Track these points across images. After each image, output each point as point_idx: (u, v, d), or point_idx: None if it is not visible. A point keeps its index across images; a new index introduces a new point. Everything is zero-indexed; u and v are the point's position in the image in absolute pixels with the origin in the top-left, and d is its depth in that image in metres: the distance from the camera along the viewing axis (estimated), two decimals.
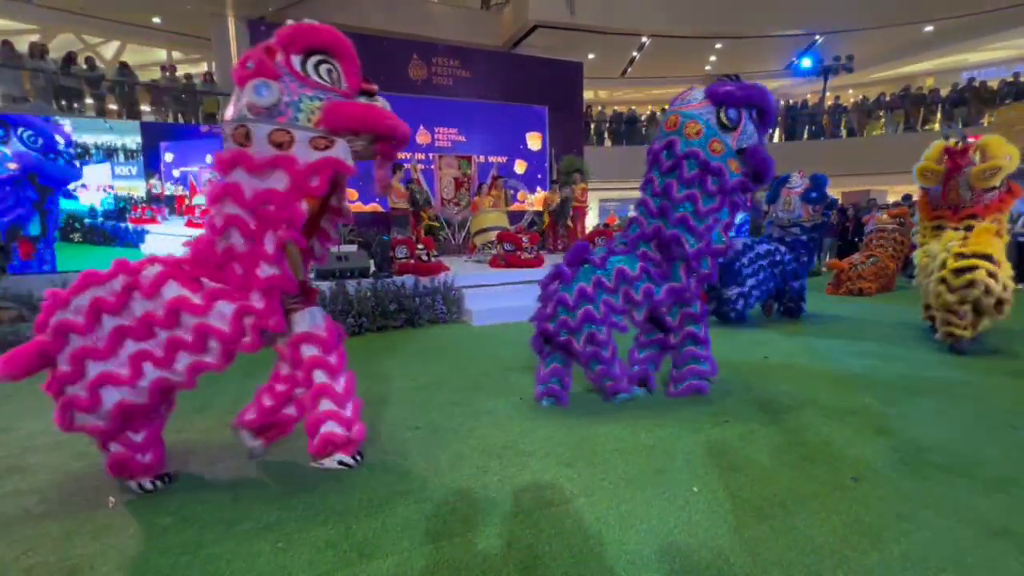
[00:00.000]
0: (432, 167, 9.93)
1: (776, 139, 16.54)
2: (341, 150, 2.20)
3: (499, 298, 6.27)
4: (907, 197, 12.68)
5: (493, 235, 7.77)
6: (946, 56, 17.46)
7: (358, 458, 2.47)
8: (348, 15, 12.50)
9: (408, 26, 13.02)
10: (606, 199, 21.83)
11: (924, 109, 15.51)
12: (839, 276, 7.75)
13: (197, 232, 2.63)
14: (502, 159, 11.52)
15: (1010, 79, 14.47)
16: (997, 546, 1.84)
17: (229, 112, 2.14)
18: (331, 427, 2.38)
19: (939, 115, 15.31)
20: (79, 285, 2.12)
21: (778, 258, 5.67)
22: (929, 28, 15.15)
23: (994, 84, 14.78)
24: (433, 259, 6.62)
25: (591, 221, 14.79)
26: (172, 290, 2.13)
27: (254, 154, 2.08)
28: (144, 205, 7.92)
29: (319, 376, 2.43)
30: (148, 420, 2.28)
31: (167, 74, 10.62)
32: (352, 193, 10.04)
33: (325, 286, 5.63)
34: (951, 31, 15.24)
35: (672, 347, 3.41)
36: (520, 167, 11.79)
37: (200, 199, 8.03)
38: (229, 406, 3.36)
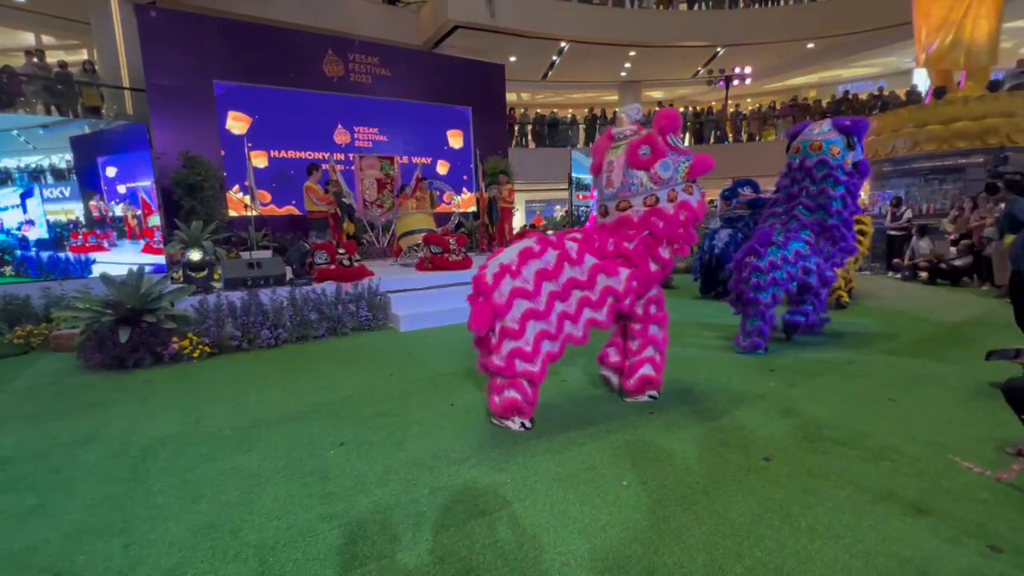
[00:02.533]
0: (353, 168, 9.53)
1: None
2: (698, 191, 3.11)
3: (427, 302, 6.13)
4: None
5: (419, 238, 7.58)
6: (825, 71, 19.60)
7: (657, 396, 3.24)
8: (255, 5, 11.72)
9: (321, 20, 12.41)
10: (532, 200, 22.18)
11: (809, 118, 17.27)
12: None
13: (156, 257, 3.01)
14: (426, 160, 11.32)
15: (876, 92, 16.53)
16: (884, 509, 2.05)
17: (618, 179, 3.09)
18: (648, 370, 3.21)
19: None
20: (522, 258, 2.83)
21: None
22: (811, 45, 16.95)
23: (864, 96, 16.79)
24: (356, 264, 6.34)
25: (518, 221, 14.97)
26: (590, 259, 2.94)
27: (664, 208, 3.02)
28: (86, 231, 6.36)
29: (653, 329, 3.24)
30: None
31: (33, 59, 9.27)
32: (265, 196, 9.40)
33: (235, 296, 5.21)
34: (829, 49, 17.15)
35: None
36: (443, 168, 11.64)
37: (158, 219, 6.56)
38: (119, 434, 2.99)
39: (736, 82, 17.82)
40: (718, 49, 16.90)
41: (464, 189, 11.95)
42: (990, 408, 2.93)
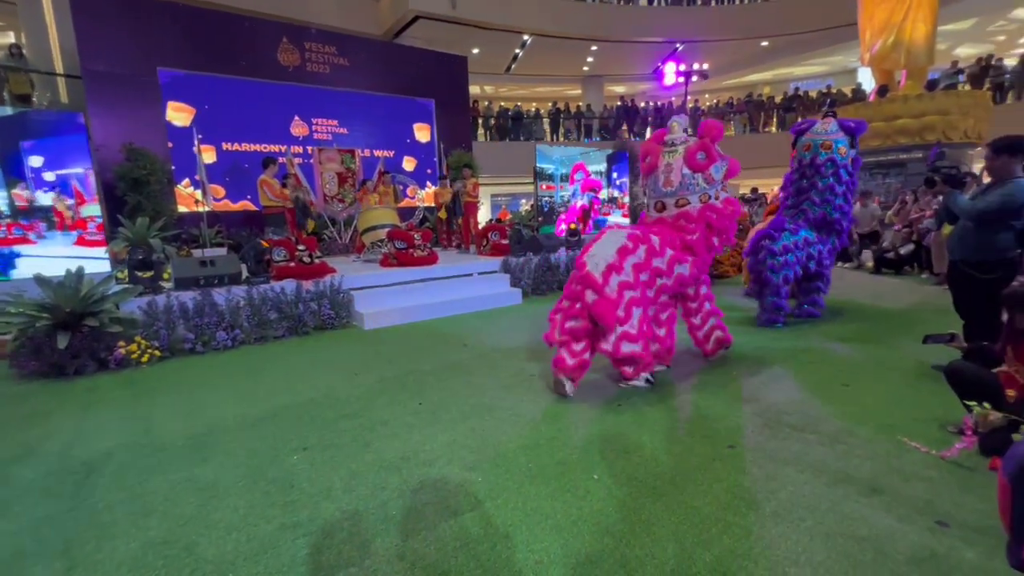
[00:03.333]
0: (311, 161, 9.21)
1: (648, 137, 17.98)
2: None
3: (392, 299, 6.00)
4: (755, 190, 14.55)
5: (383, 233, 7.41)
6: (779, 68, 20.31)
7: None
8: None
9: (275, 7, 11.93)
10: (497, 194, 22.12)
11: (763, 114, 17.90)
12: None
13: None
14: (389, 153, 11.07)
15: (824, 90, 17.26)
16: (841, 491, 2.14)
17: (676, 179, 3.55)
18: (719, 333, 3.94)
19: (775, 119, 17.78)
20: (621, 255, 3.22)
21: None
22: (765, 43, 17.52)
23: (814, 93, 17.51)
24: (317, 260, 6.14)
25: (483, 216, 14.89)
26: (669, 252, 3.44)
27: (715, 204, 3.58)
28: (10, 221, 5.67)
29: (707, 305, 3.90)
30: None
31: None
32: (217, 190, 8.98)
33: (187, 297, 4.95)
34: (781, 47, 17.77)
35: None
36: (409, 163, 11.43)
37: (93, 209, 5.94)
38: (59, 448, 2.79)
39: (695, 78, 18.23)
40: (677, 45, 17.23)
41: (428, 183, 11.77)
42: (933, 389, 3.10)
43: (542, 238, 7.94)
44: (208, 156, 8.84)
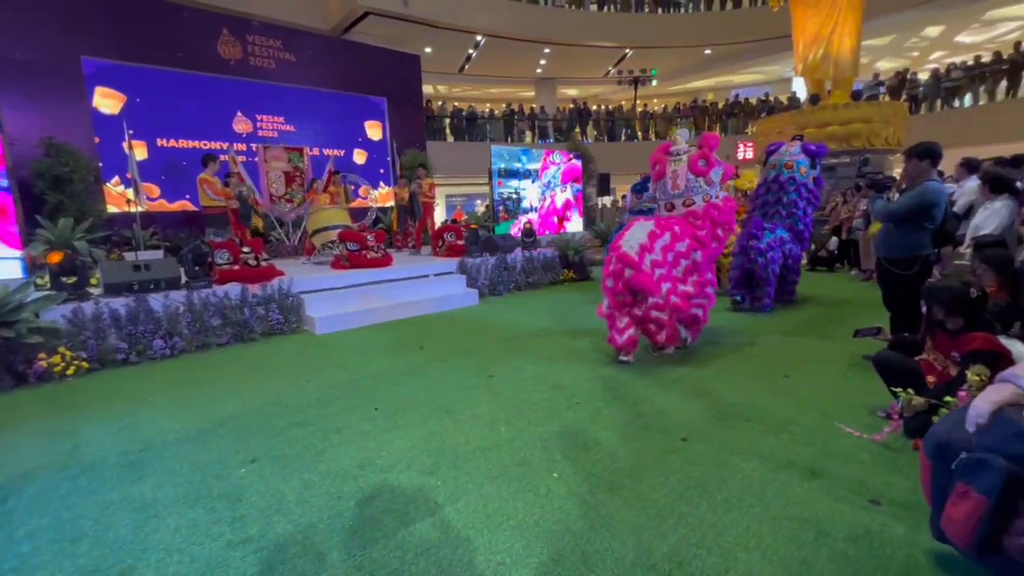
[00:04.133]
0: (256, 159, 8.81)
1: (600, 140, 18.39)
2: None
3: (345, 302, 5.83)
4: None
5: (334, 234, 7.18)
6: (721, 75, 21.26)
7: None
8: None
9: None
10: (452, 194, 21.96)
11: (708, 118, 18.70)
12: None
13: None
14: (339, 152, 10.75)
15: (763, 98, 18.24)
16: (785, 476, 2.25)
17: (683, 182, 4.17)
18: (700, 312, 4.30)
19: (719, 124, 18.61)
20: (652, 237, 3.88)
21: None
22: (708, 51, 18.30)
23: (754, 100, 18.45)
24: (264, 263, 5.87)
25: (439, 216, 14.73)
26: (687, 241, 4.07)
27: (719, 203, 4.20)
28: None
29: (709, 289, 4.33)
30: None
31: None
32: (152, 189, 8.43)
33: (119, 303, 4.60)
34: (724, 56, 18.62)
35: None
36: (360, 157, 11.13)
37: None
38: None
39: (643, 83, 18.80)
40: (627, 50, 17.71)
41: (381, 183, 11.52)
42: (864, 377, 3.33)
43: (498, 239, 7.94)
44: (140, 152, 8.28)
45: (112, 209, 7.95)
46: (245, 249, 5.77)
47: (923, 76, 14.99)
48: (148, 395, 3.64)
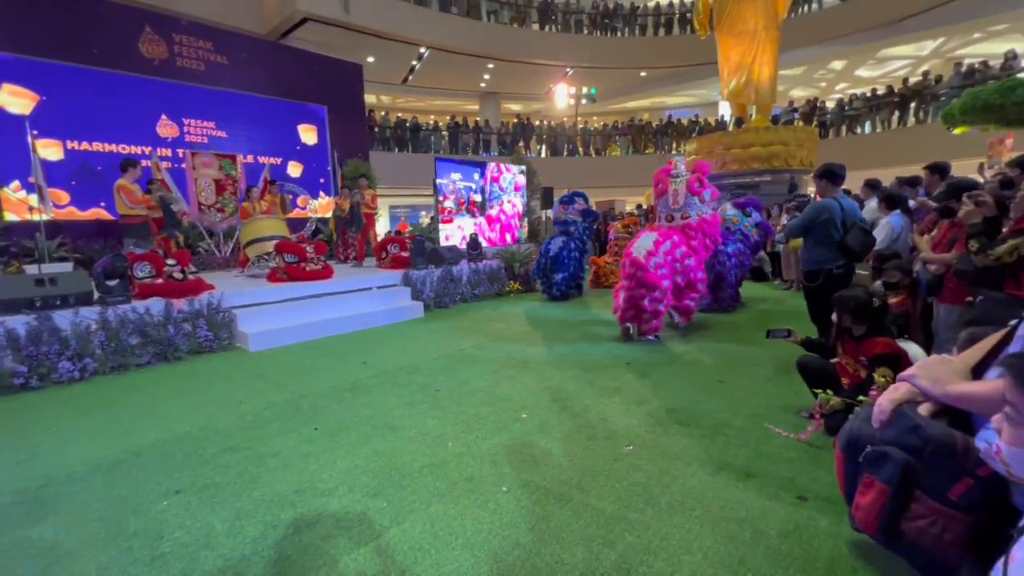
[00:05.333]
0: (183, 166, 8.26)
1: (543, 155, 18.80)
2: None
3: (282, 317, 5.54)
4: (639, 207, 15.83)
5: (270, 246, 6.83)
6: (655, 97, 22.43)
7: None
8: None
9: None
10: (396, 205, 21.59)
11: (644, 137, 19.63)
12: (597, 272, 9.17)
13: None
14: (276, 160, 10.31)
15: (693, 118, 19.41)
16: (722, 478, 2.37)
17: (681, 199, 5.10)
18: (692, 304, 5.25)
19: (654, 142, 19.57)
20: (657, 244, 4.84)
21: (577, 254, 7.72)
22: (643, 73, 19.28)
23: (685, 121, 19.58)
24: (191, 276, 5.48)
25: (382, 227, 14.43)
26: (683, 248, 5.05)
27: (707, 218, 5.22)
28: None
29: (700, 286, 5.28)
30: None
31: None
32: (60, 196, 7.69)
33: (17, 321, 4.13)
34: (658, 78, 19.68)
35: None
36: (297, 166, 10.72)
37: None
38: None
39: (584, 101, 19.45)
40: (568, 69, 18.29)
41: (321, 193, 11.14)
42: (788, 380, 3.57)
43: (443, 250, 7.88)
44: (53, 153, 7.55)
45: (10, 217, 7.17)
46: (170, 261, 5.37)
47: (830, 105, 16.55)
48: (52, 424, 3.27)
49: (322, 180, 11.17)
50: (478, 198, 9.77)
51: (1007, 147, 7.56)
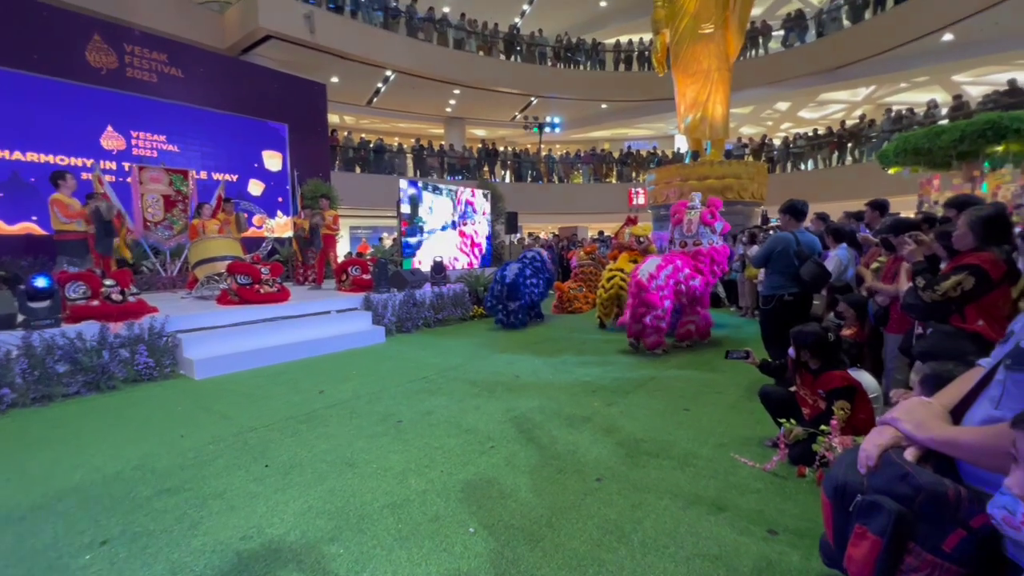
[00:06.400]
0: (128, 180, 7.81)
1: (507, 180, 19.01)
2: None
3: (232, 342, 5.22)
4: (601, 233, 16.17)
5: (221, 266, 6.48)
6: (616, 128, 23.26)
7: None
8: None
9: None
10: (357, 226, 21.20)
11: (605, 166, 20.23)
12: (561, 298, 9.22)
13: None
14: (232, 177, 9.93)
15: (652, 150, 20.20)
16: (694, 512, 2.33)
17: (695, 228, 5.79)
18: (692, 328, 5.90)
19: (615, 171, 20.19)
20: (659, 268, 5.41)
21: (534, 280, 7.48)
22: (605, 106, 19.98)
23: (644, 152, 20.35)
24: (132, 298, 5.10)
25: (342, 249, 14.07)
26: (687, 270, 5.61)
27: (718, 247, 5.89)
28: None
29: (700, 310, 5.91)
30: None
31: None
32: None
33: None
34: (618, 110, 20.45)
35: None
36: (256, 187, 10.36)
37: None
38: None
39: (548, 129, 19.94)
40: (532, 98, 18.75)
41: (279, 212, 10.78)
42: (752, 408, 3.63)
43: (406, 273, 7.73)
44: None
45: None
46: (108, 282, 4.98)
47: (777, 142, 17.64)
48: None
49: (280, 199, 10.83)
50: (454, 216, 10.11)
51: (934, 187, 8.21)
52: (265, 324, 5.66)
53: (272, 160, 10.66)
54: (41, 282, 4.41)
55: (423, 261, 8.99)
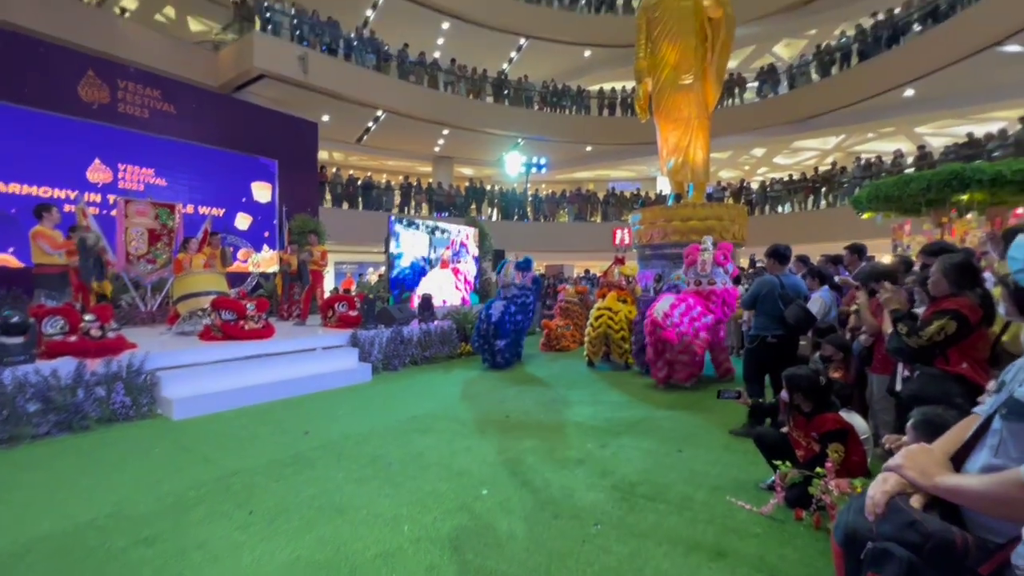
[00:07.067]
0: (113, 213, 7.72)
1: (494, 218, 19.29)
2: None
3: (213, 380, 5.06)
4: (587, 271, 16.38)
5: (205, 301, 6.35)
6: (600, 169, 23.97)
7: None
8: None
9: (83, 38, 10.31)
10: (341, 261, 21.11)
11: (589, 206, 20.70)
12: (549, 336, 9.22)
13: None
14: (218, 211, 9.89)
15: (635, 192, 20.81)
16: (695, 559, 2.29)
17: (709, 267, 6.09)
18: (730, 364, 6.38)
19: (599, 210, 20.67)
20: (673, 307, 5.64)
21: (519, 317, 7.31)
22: (589, 148, 20.66)
23: (628, 194, 20.93)
24: (111, 334, 4.95)
25: (327, 285, 13.94)
26: (699, 308, 5.86)
27: (728, 287, 6.20)
28: None
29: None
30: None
31: None
32: None
33: None
34: (602, 152, 21.14)
35: None
36: (243, 221, 10.32)
37: None
38: None
39: (534, 169, 20.44)
40: (519, 139, 19.30)
41: (265, 246, 10.72)
42: (745, 450, 3.62)
43: (394, 310, 7.68)
44: None
45: None
46: (88, 317, 4.85)
47: (755, 186, 18.33)
48: None
49: (267, 233, 10.78)
50: (448, 253, 10.31)
51: (906, 231, 8.58)
52: (249, 361, 5.53)
53: (261, 191, 10.66)
54: (15, 318, 4.26)
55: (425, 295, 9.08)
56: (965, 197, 6.80)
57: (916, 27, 13.30)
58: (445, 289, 10.03)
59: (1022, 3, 10.18)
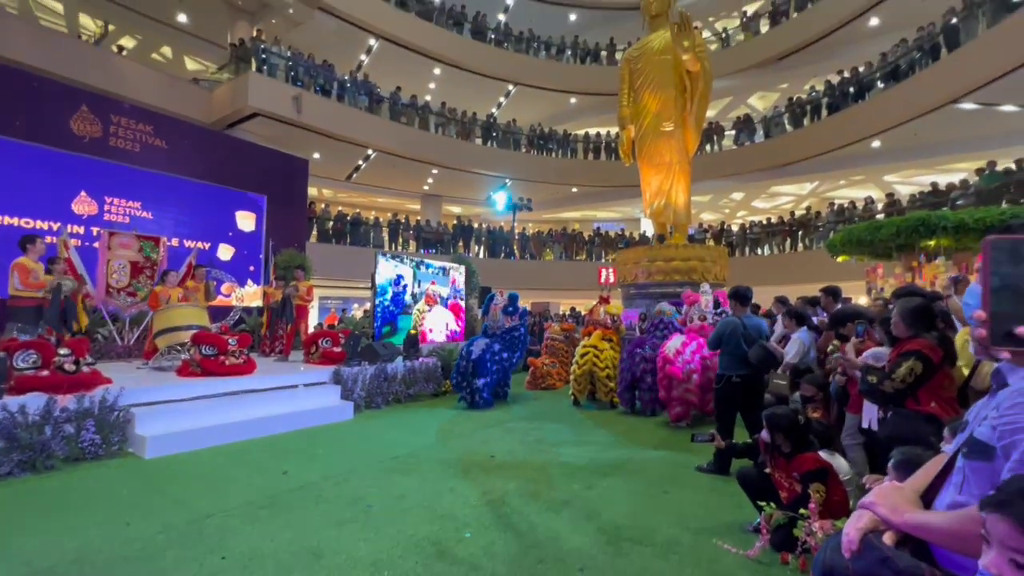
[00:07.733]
0: (96, 245, 7.65)
1: (481, 255, 19.49)
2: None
3: (189, 417, 4.92)
4: (573, 309, 16.49)
5: (185, 336, 6.24)
6: (585, 210, 24.54)
7: None
8: None
9: (79, 74, 10.50)
10: (326, 296, 20.96)
11: (575, 244, 21.07)
12: (534, 373, 9.18)
13: None
14: (204, 244, 9.84)
15: (619, 232, 21.28)
16: None
17: (709, 308, 6.58)
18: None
19: (585, 250, 21.03)
20: (684, 345, 6.04)
21: (505, 355, 7.30)
22: (575, 190, 21.22)
23: (613, 234, 21.39)
24: (86, 368, 4.82)
25: (312, 320, 13.79)
26: (694, 346, 6.05)
27: (709, 325, 6.23)
28: None
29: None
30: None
31: None
32: None
33: None
34: (588, 194, 21.71)
35: None
36: (225, 252, 10.25)
37: None
38: None
39: (521, 209, 20.84)
40: (507, 180, 19.77)
41: (250, 280, 10.63)
42: (730, 491, 3.61)
43: (378, 347, 7.61)
44: None
45: None
46: (63, 351, 4.72)
47: (735, 228, 18.91)
48: None
49: (252, 267, 10.72)
50: (445, 291, 10.60)
51: (879, 274, 8.89)
52: (227, 398, 5.40)
53: (245, 220, 10.61)
54: None
55: (432, 329, 9.29)
56: (932, 243, 7.12)
57: (880, 84, 14.20)
58: (448, 325, 10.38)
59: (974, 66, 10.99)
